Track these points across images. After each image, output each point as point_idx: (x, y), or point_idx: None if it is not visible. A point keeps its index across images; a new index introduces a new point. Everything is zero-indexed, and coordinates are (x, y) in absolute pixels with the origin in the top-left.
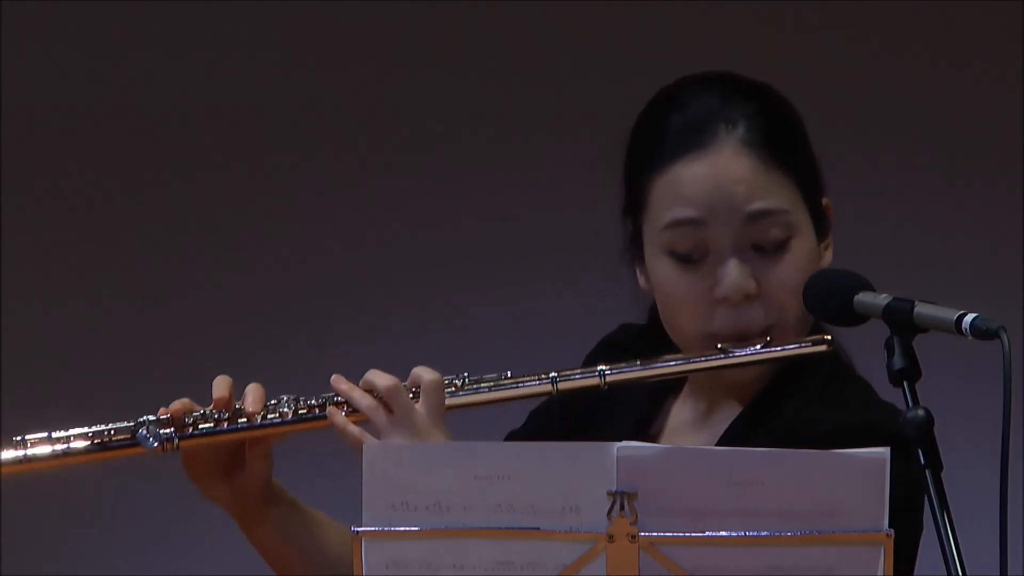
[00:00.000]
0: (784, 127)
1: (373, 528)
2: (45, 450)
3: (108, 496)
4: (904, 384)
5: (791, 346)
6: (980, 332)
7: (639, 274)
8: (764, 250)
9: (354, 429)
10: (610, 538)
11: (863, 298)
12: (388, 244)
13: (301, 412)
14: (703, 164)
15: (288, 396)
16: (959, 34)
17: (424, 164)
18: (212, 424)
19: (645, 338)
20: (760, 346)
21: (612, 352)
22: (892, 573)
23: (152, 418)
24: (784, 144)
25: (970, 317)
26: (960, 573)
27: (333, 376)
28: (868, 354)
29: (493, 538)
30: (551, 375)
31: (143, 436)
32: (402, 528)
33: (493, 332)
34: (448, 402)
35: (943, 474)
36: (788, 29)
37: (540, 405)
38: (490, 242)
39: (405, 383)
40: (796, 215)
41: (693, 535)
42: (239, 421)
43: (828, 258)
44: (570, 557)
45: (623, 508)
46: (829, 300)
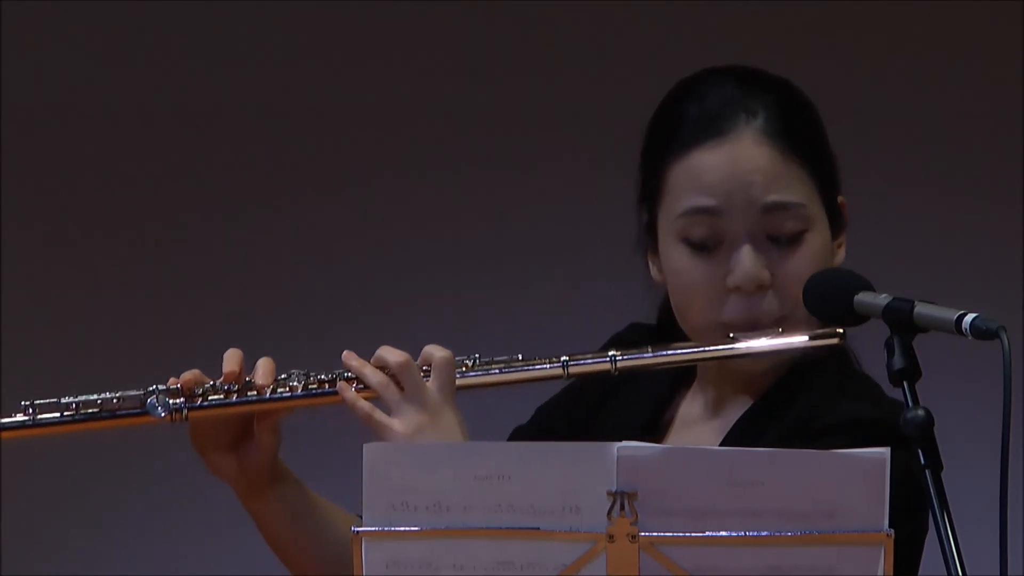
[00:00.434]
0: (804, 121)
1: (373, 528)
2: (53, 416)
3: (108, 496)
4: (904, 384)
5: (802, 337)
6: (980, 332)
7: (651, 265)
8: (779, 241)
9: (364, 404)
10: (610, 538)
11: (863, 298)
12: (396, 240)
13: (311, 387)
14: (722, 152)
15: (298, 371)
16: (959, 34)
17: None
18: (222, 396)
19: (654, 338)
20: (771, 337)
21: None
22: (892, 573)
23: (162, 387)
24: (803, 137)
25: (970, 317)
26: (960, 573)
27: (344, 352)
28: (868, 354)
29: (493, 538)
30: (562, 359)
31: (152, 405)
32: (402, 528)
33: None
34: (458, 382)
35: (943, 474)
36: (787, 29)
37: (547, 402)
38: (500, 239)
39: (416, 362)
40: (812, 209)
41: (693, 535)
42: (248, 394)
43: (841, 256)
44: (570, 557)
45: (623, 508)
46: (829, 300)
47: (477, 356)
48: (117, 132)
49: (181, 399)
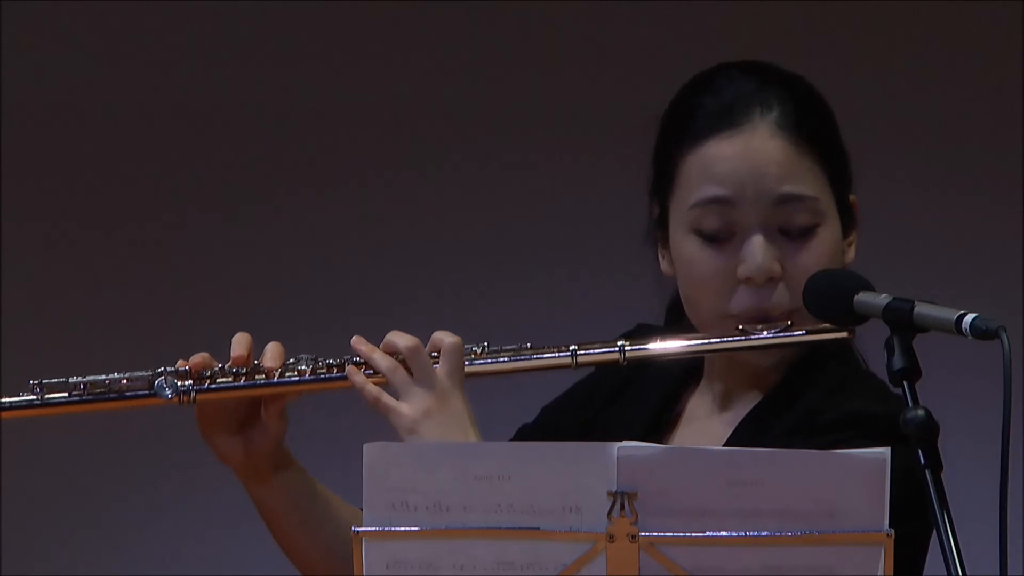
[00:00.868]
0: (818, 116)
1: (373, 528)
2: (61, 396)
3: (108, 496)
4: (904, 384)
5: (811, 331)
6: (980, 332)
7: (661, 258)
8: (790, 234)
9: (373, 389)
10: (610, 538)
11: (863, 298)
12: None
13: (320, 371)
14: (736, 143)
15: (307, 355)
16: (959, 34)
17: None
18: (230, 379)
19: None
20: (780, 330)
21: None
22: (892, 573)
23: (171, 369)
24: (817, 133)
25: (970, 317)
26: (960, 573)
27: (354, 337)
28: (868, 354)
29: (493, 538)
30: (571, 348)
31: (160, 386)
32: (402, 528)
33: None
34: (467, 369)
35: (943, 474)
36: (787, 29)
37: (553, 402)
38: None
39: (426, 348)
40: (824, 204)
41: (693, 535)
42: (257, 378)
43: (851, 255)
44: (570, 557)
45: (623, 508)
46: (829, 300)
47: (486, 344)
48: (117, 132)
49: (189, 381)
